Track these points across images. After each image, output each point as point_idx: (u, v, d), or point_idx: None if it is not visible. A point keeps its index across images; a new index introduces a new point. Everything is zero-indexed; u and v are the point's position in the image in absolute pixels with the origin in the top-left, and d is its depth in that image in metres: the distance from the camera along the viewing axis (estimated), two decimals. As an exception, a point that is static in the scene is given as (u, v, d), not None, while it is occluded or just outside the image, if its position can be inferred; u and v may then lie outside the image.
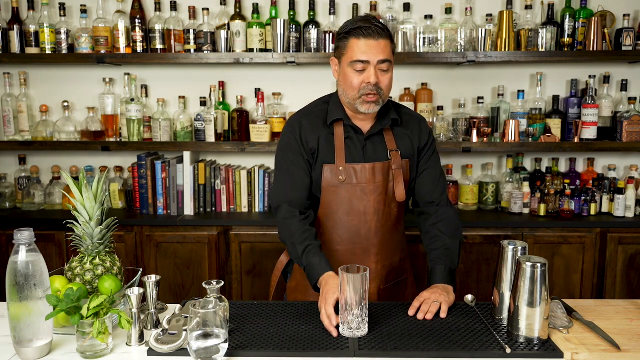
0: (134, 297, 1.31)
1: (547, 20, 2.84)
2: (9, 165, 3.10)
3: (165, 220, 2.80)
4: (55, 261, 2.71)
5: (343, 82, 1.65)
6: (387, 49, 1.60)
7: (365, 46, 1.58)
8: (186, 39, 2.83)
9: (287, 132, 1.73)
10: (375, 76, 1.59)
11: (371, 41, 1.58)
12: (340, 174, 1.66)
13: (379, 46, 1.58)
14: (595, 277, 2.72)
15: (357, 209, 1.67)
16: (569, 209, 2.78)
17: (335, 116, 1.69)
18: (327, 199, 1.69)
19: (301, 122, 1.72)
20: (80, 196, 1.45)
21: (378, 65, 1.59)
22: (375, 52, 1.58)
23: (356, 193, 1.67)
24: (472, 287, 2.72)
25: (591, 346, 1.29)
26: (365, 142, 1.71)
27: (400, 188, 1.70)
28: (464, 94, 3.00)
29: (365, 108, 1.63)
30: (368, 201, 1.67)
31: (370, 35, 1.58)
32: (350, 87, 1.62)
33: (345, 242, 1.70)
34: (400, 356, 1.27)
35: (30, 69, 3.05)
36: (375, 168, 1.67)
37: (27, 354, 1.24)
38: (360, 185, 1.67)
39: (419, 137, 1.78)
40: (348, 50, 1.61)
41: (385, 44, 1.60)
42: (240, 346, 1.30)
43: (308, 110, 1.77)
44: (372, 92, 1.60)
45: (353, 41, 1.59)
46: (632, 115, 2.78)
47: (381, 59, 1.59)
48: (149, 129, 2.89)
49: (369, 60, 1.58)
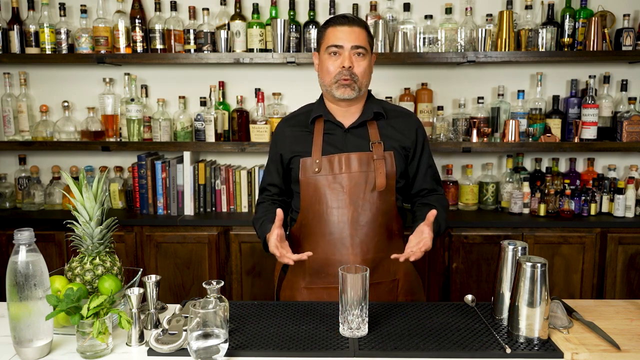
0: (134, 297, 1.31)
1: (547, 20, 2.84)
2: (9, 165, 3.10)
3: (165, 220, 2.80)
4: (55, 261, 2.71)
5: (320, 70, 1.73)
6: (361, 36, 1.67)
7: (339, 32, 1.67)
8: (186, 39, 2.83)
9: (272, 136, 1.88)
10: (349, 60, 1.65)
11: (345, 27, 1.66)
12: (316, 165, 1.69)
13: (352, 32, 1.66)
14: (595, 277, 2.72)
15: (333, 199, 1.68)
16: (569, 209, 2.78)
17: (315, 114, 1.76)
18: (305, 191, 1.72)
19: (283, 126, 1.83)
20: (80, 196, 1.45)
21: (352, 51, 1.66)
22: (349, 37, 1.66)
23: (331, 183, 1.69)
24: (472, 287, 2.72)
25: (591, 346, 1.29)
26: (345, 135, 1.73)
27: (381, 177, 1.68)
28: (464, 94, 3.00)
29: (340, 92, 1.68)
30: (343, 191, 1.68)
31: (344, 23, 1.67)
32: (327, 72, 1.69)
33: (325, 234, 1.70)
34: (400, 356, 1.27)
35: (30, 69, 3.05)
36: (351, 158, 1.69)
37: (27, 354, 1.24)
38: (334, 175, 1.69)
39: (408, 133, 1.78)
40: (324, 38, 1.70)
41: (360, 32, 1.67)
42: (240, 346, 1.30)
43: (293, 114, 1.87)
44: (346, 77, 1.66)
45: (329, 30, 1.69)
46: (632, 115, 2.78)
47: (355, 44, 1.66)
48: (149, 129, 2.89)
49: (342, 45, 1.66)
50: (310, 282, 1.73)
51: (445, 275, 2.74)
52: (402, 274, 1.77)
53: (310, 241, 1.71)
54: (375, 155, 1.70)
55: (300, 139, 1.76)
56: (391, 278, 1.75)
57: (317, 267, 1.71)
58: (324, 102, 1.79)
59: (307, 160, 1.71)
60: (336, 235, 1.69)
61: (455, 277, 2.73)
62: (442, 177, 3.00)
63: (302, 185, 1.72)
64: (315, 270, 1.72)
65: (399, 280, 1.77)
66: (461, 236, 2.70)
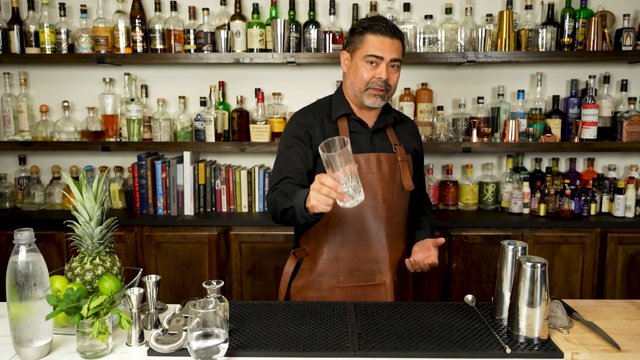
0: (134, 297, 1.31)
1: (547, 20, 2.84)
2: (9, 165, 3.10)
3: (165, 220, 2.80)
4: (55, 261, 2.71)
5: (353, 74, 1.71)
6: (399, 49, 1.69)
7: (380, 43, 1.65)
8: (186, 39, 2.83)
9: (291, 125, 1.77)
10: (386, 72, 1.67)
11: (387, 39, 1.66)
12: None
13: (393, 45, 1.66)
14: (595, 277, 2.72)
15: (369, 198, 1.67)
16: (569, 209, 2.78)
17: (340, 111, 1.74)
18: None
19: (306, 116, 1.76)
20: (80, 196, 1.45)
21: (390, 63, 1.67)
22: (390, 49, 1.66)
23: (364, 182, 1.65)
24: (472, 287, 2.72)
25: (591, 346, 1.29)
26: (372, 136, 1.76)
27: (407, 178, 1.75)
28: (464, 94, 3.00)
29: (372, 102, 1.69)
30: (377, 190, 1.69)
31: (386, 33, 1.66)
32: (361, 79, 1.68)
33: (357, 232, 1.70)
34: (400, 356, 1.27)
35: (30, 69, 3.05)
36: (381, 158, 1.71)
37: (27, 354, 1.24)
38: (369, 174, 1.69)
39: (416, 138, 1.90)
40: (364, 44, 1.67)
41: (399, 45, 1.68)
42: (240, 346, 1.30)
43: (311, 107, 1.83)
44: (380, 87, 1.67)
45: (369, 36, 1.66)
46: (632, 115, 2.78)
47: (394, 57, 1.67)
48: (149, 129, 2.89)
49: (382, 56, 1.66)
50: (345, 281, 1.72)
51: (445, 275, 2.74)
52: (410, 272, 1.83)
53: (342, 240, 1.71)
54: (399, 157, 1.75)
55: (329, 134, 1.69)
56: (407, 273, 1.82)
57: (352, 265, 1.71)
58: (344, 98, 1.77)
59: None
60: (372, 233, 1.70)
61: (455, 277, 2.73)
62: (442, 177, 3.03)
63: None
64: (350, 269, 1.72)
65: (409, 275, 1.85)
66: (461, 236, 2.70)
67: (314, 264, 1.75)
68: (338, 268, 1.72)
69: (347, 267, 1.72)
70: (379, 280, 1.72)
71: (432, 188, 2.95)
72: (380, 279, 1.72)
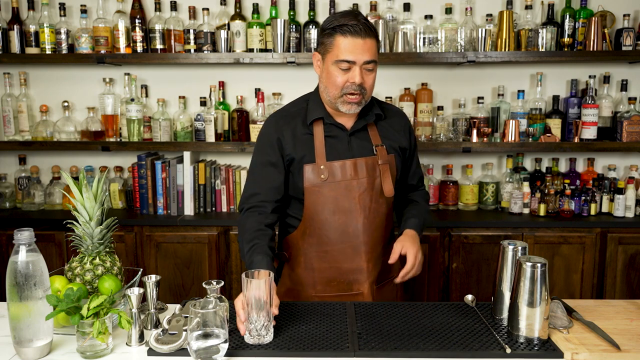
0: (134, 297, 1.31)
1: (547, 20, 2.84)
2: (9, 165, 3.10)
3: (165, 220, 2.80)
4: (55, 261, 2.71)
5: (326, 79, 1.61)
6: (373, 49, 1.56)
7: (351, 45, 1.53)
8: (186, 39, 2.83)
9: (264, 132, 1.69)
10: (360, 76, 1.56)
11: (358, 40, 1.53)
12: (322, 172, 1.61)
13: (365, 46, 1.54)
14: (595, 277, 2.72)
15: (343, 207, 1.62)
16: (569, 209, 2.78)
17: (314, 115, 1.65)
18: (310, 199, 1.63)
19: (278, 122, 1.68)
20: (80, 196, 1.45)
21: (363, 66, 1.56)
22: (362, 52, 1.54)
23: (340, 191, 1.62)
24: (472, 287, 2.72)
25: (591, 346, 1.29)
26: (349, 138, 1.66)
27: (388, 183, 1.65)
28: (464, 94, 3.00)
29: (347, 108, 1.60)
30: (353, 198, 1.62)
31: (357, 33, 1.53)
32: (334, 85, 1.58)
33: (333, 242, 1.64)
34: (400, 356, 1.27)
35: (30, 69, 3.05)
36: (358, 164, 1.63)
37: (27, 354, 1.24)
38: (344, 182, 1.61)
39: (404, 133, 1.77)
40: (333, 47, 1.56)
41: (372, 44, 1.56)
42: (240, 346, 1.30)
43: (286, 110, 1.73)
44: (355, 91, 1.57)
45: (339, 39, 1.55)
46: (632, 115, 2.78)
47: (367, 59, 1.55)
48: (149, 129, 2.89)
49: (355, 60, 1.54)
50: (322, 291, 1.68)
51: (445, 275, 2.74)
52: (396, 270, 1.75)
53: (319, 250, 1.66)
54: (380, 159, 1.65)
55: (301, 141, 1.65)
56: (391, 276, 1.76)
57: (329, 276, 1.66)
58: (320, 100, 1.68)
59: (312, 166, 1.61)
60: (349, 243, 1.64)
61: (455, 277, 2.73)
62: (442, 177, 3.02)
63: (306, 193, 1.63)
64: (327, 279, 1.67)
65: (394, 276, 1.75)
66: (461, 236, 2.70)
67: (293, 271, 1.72)
68: (315, 278, 1.67)
69: (324, 277, 1.66)
70: (357, 290, 1.66)
71: (432, 188, 2.95)
72: (358, 289, 1.66)
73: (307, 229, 1.66)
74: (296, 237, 1.69)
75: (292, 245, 1.71)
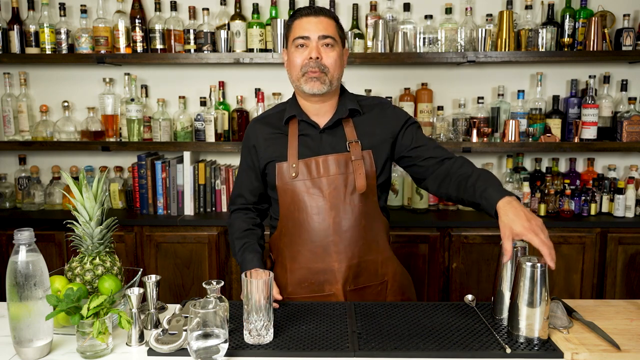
0: (134, 297, 1.31)
1: (547, 20, 2.84)
2: (9, 165, 3.10)
3: (165, 220, 2.80)
4: (55, 261, 2.71)
5: (288, 65, 1.65)
6: (329, 27, 1.59)
7: (305, 23, 1.59)
8: (186, 39, 2.83)
9: (244, 139, 1.76)
10: (316, 51, 1.57)
11: (311, 18, 1.59)
12: (292, 170, 1.61)
13: (319, 22, 1.58)
14: (595, 277, 2.72)
15: (313, 205, 1.60)
16: (569, 209, 2.78)
17: (289, 114, 1.67)
18: (283, 198, 1.64)
19: (255, 127, 1.73)
20: (80, 196, 1.45)
21: (320, 41, 1.58)
22: (315, 27, 1.58)
23: (309, 188, 1.61)
24: (472, 287, 2.72)
25: (591, 346, 1.29)
26: (320, 136, 1.65)
27: (360, 179, 1.60)
28: (464, 94, 3.00)
29: (310, 87, 1.59)
30: (323, 196, 1.60)
31: (309, 13, 1.59)
32: (294, 65, 1.61)
33: (306, 242, 1.62)
34: (400, 356, 1.27)
35: (30, 69, 3.05)
36: (328, 160, 1.61)
37: (27, 354, 1.24)
38: (313, 179, 1.60)
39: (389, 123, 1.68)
40: (291, 31, 1.62)
41: (328, 22, 1.59)
42: (240, 346, 1.30)
43: (265, 114, 1.78)
44: (314, 68, 1.57)
45: (296, 22, 1.61)
46: (632, 115, 2.78)
47: (322, 34, 1.58)
48: (149, 129, 2.89)
49: (309, 35, 1.58)
50: (293, 293, 1.65)
51: (445, 275, 2.74)
52: (390, 275, 1.71)
53: (292, 250, 1.64)
54: (353, 155, 1.61)
55: (275, 141, 1.67)
56: (380, 280, 1.70)
57: (300, 277, 1.64)
58: (297, 100, 1.70)
59: (284, 165, 1.63)
60: (318, 243, 1.61)
61: (455, 277, 2.73)
62: (442, 177, 3.01)
63: (279, 191, 1.64)
64: (297, 281, 1.65)
65: (388, 281, 1.71)
66: (461, 236, 2.70)
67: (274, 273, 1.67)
68: (287, 279, 1.66)
69: (296, 278, 1.64)
70: (328, 291, 1.63)
71: (432, 188, 2.94)
72: (330, 290, 1.62)
73: (283, 229, 1.67)
74: (275, 238, 1.71)
75: (273, 247, 1.74)
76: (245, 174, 1.75)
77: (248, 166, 1.74)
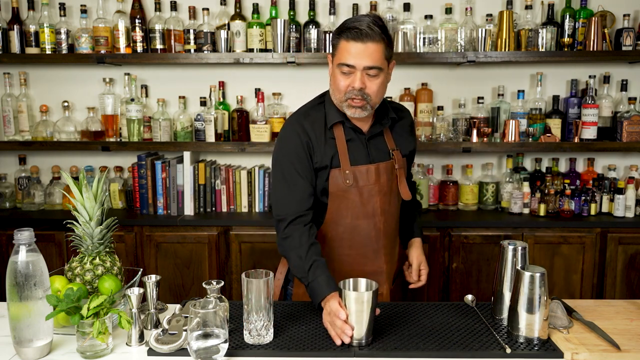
0: (134, 297, 1.31)
1: (547, 20, 2.84)
2: (9, 165, 3.10)
3: (165, 220, 2.80)
4: (55, 261, 2.71)
5: (332, 82, 1.62)
6: (376, 54, 1.52)
7: (352, 49, 1.52)
8: (186, 39, 2.83)
9: (291, 136, 1.64)
10: (360, 81, 1.53)
11: (359, 45, 1.51)
12: (347, 177, 1.61)
13: (366, 51, 1.51)
14: (595, 277, 2.72)
15: (366, 211, 1.64)
16: (569, 209, 2.78)
17: (335, 119, 1.63)
18: (335, 203, 1.64)
19: (304, 125, 1.64)
20: (80, 196, 1.45)
21: (365, 71, 1.53)
22: (362, 57, 1.51)
23: (364, 195, 1.63)
24: (472, 287, 2.72)
25: (591, 346, 1.29)
26: (367, 143, 1.67)
27: (404, 186, 1.70)
28: (464, 94, 3.00)
29: (351, 112, 1.59)
30: (375, 202, 1.64)
31: (358, 38, 1.51)
32: (337, 89, 1.58)
33: (356, 246, 1.66)
34: (400, 356, 1.27)
35: (30, 69, 3.05)
36: (380, 168, 1.65)
37: (27, 354, 1.24)
38: (367, 187, 1.63)
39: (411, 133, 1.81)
40: (338, 51, 1.56)
41: (375, 49, 1.52)
42: (240, 346, 1.30)
43: (306, 111, 1.69)
44: (357, 96, 1.55)
45: (342, 43, 1.54)
46: (632, 115, 2.78)
47: (367, 65, 1.52)
48: (149, 129, 2.89)
49: (354, 64, 1.52)
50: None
51: (445, 275, 2.74)
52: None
53: (340, 253, 1.67)
54: (396, 164, 1.69)
55: (326, 144, 1.63)
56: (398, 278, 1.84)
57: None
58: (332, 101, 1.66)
59: (337, 171, 1.62)
60: (370, 247, 1.67)
61: (455, 277, 2.73)
62: (442, 177, 3.02)
63: (331, 197, 1.63)
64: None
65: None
66: (461, 236, 2.70)
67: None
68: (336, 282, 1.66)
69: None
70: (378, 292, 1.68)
71: (432, 188, 2.95)
72: (380, 291, 1.65)
73: (328, 233, 1.67)
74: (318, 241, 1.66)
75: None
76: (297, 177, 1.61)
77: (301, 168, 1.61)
